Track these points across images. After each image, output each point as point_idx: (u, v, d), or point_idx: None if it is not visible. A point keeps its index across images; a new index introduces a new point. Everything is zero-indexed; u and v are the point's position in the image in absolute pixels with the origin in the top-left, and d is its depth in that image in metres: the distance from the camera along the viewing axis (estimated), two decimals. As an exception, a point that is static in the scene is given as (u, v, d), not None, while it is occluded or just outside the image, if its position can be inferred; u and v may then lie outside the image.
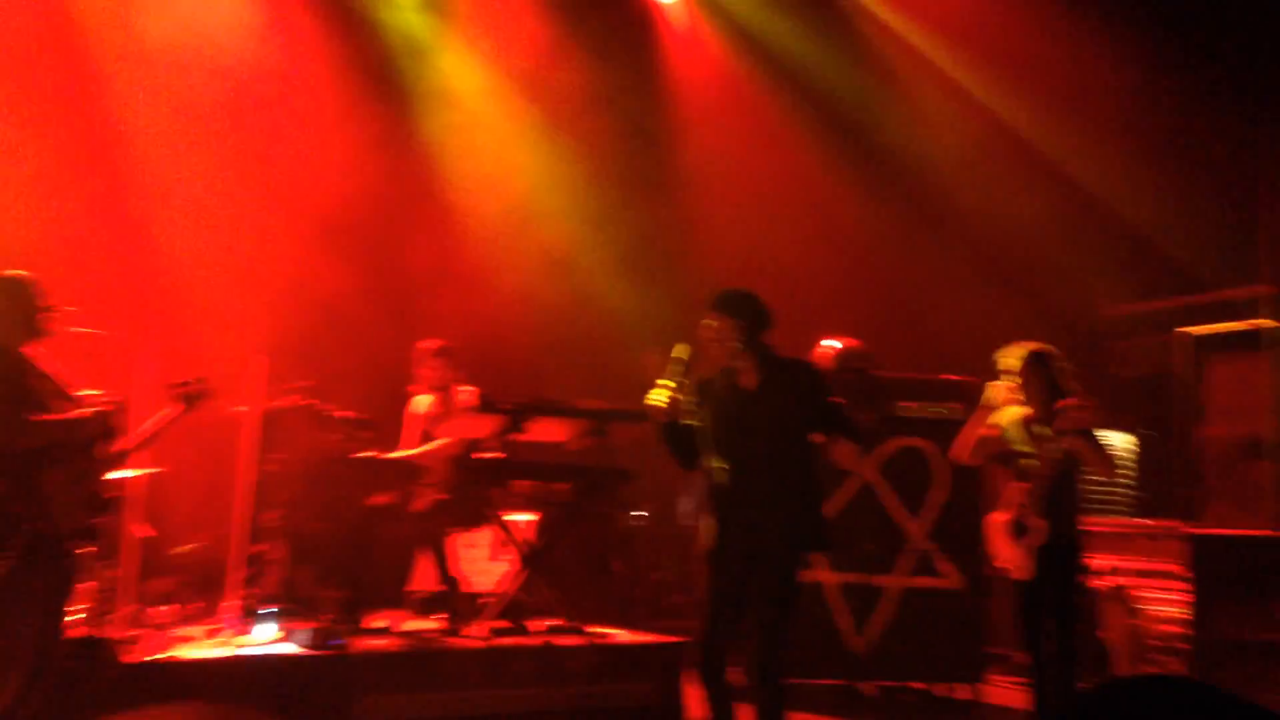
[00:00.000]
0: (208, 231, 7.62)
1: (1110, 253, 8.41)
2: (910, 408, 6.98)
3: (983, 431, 5.48)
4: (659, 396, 4.36)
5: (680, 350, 4.41)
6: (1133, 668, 6.42)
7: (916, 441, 6.89)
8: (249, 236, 7.79)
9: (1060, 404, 5.08)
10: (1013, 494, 5.28)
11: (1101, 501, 7.51)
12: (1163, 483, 7.01)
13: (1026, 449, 5.27)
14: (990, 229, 8.69)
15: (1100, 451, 5.23)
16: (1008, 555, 5.32)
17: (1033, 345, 5.38)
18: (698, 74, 9.80)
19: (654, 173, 9.48)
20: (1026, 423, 5.32)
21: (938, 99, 9.16)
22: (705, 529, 4.46)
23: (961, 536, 6.59)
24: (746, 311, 4.40)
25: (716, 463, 4.40)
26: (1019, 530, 5.23)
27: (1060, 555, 5.19)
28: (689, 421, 4.46)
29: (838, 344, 7.13)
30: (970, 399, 6.84)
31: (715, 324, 4.41)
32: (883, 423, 6.87)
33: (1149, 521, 6.79)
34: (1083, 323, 8.36)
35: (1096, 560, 6.74)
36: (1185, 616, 6.08)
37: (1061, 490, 5.18)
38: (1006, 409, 5.40)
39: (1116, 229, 8.39)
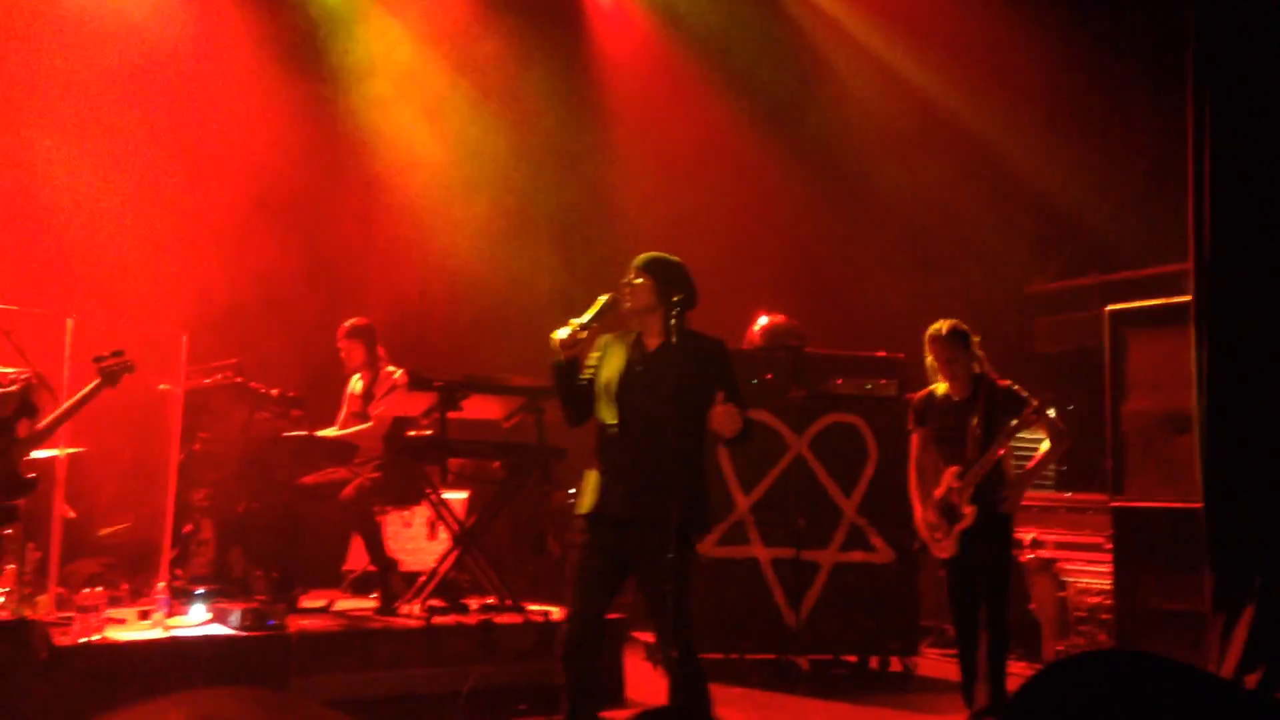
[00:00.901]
0: (127, 207, 7.41)
1: (1037, 231, 8.58)
2: (840, 383, 7.04)
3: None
4: (563, 331, 4.22)
5: (602, 299, 4.30)
6: (1060, 639, 6.60)
7: (847, 417, 6.97)
8: (170, 212, 7.60)
9: (1035, 400, 5.16)
10: (945, 475, 5.32)
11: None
12: (1085, 456, 7.19)
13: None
14: (918, 206, 8.82)
15: (1053, 427, 5.31)
16: (933, 533, 5.37)
17: (953, 323, 5.39)
18: (624, 47, 9.75)
19: (581, 146, 9.43)
20: (953, 402, 5.36)
21: (863, 76, 9.24)
22: (587, 488, 4.25)
23: (893, 511, 6.68)
24: (667, 276, 4.29)
25: (608, 419, 4.26)
26: (948, 512, 5.28)
27: (989, 533, 5.22)
28: (587, 372, 4.34)
29: (768, 320, 7.17)
30: (900, 376, 6.97)
31: (635, 281, 4.31)
32: (813, 398, 6.94)
33: (1073, 495, 6.98)
34: (1009, 299, 8.52)
35: (1023, 533, 6.90)
36: (1109, 588, 6.24)
37: (993, 470, 5.21)
38: (937, 386, 5.47)
39: (1043, 207, 8.56)
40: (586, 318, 4.25)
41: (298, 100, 8.29)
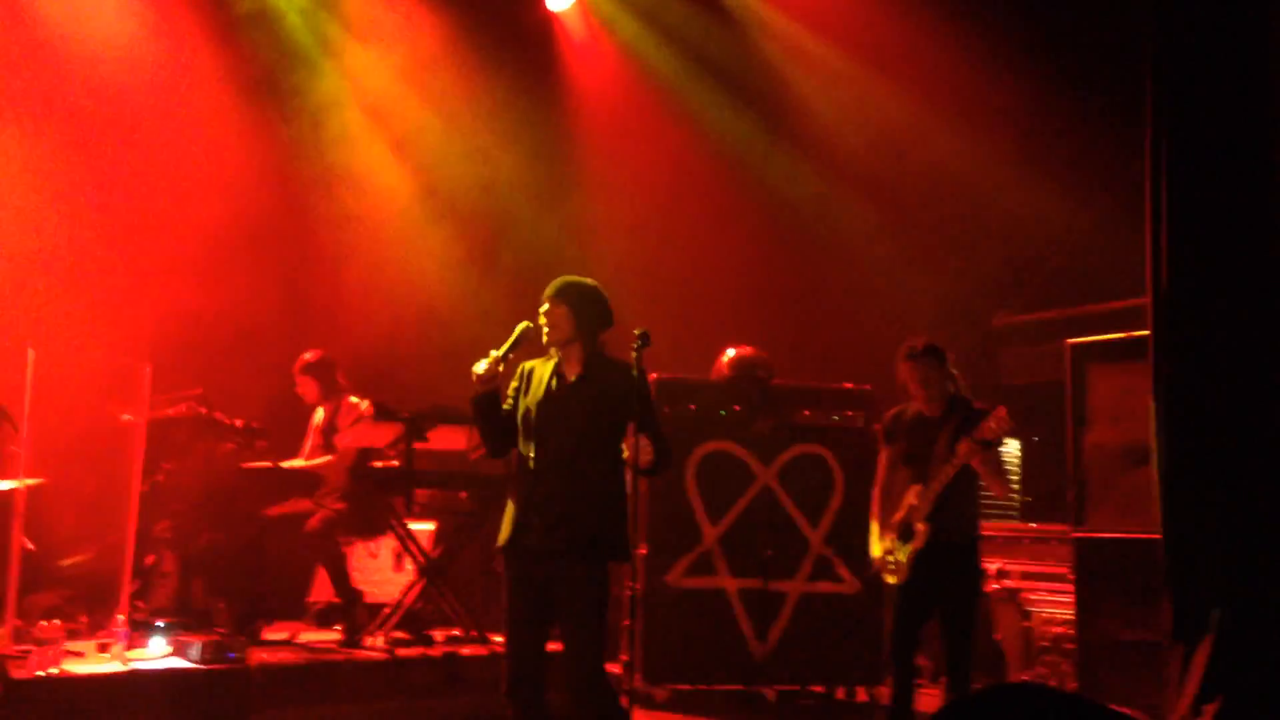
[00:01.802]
0: (91, 235, 7.37)
1: (1002, 264, 8.65)
2: (808, 415, 7.08)
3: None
4: (480, 364, 4.23)
5: (520, 327, 4.32)
6: (1024, 669, 6.62)
7: (815, 448, 7.00)
8: (134, 241, 7.56)
9: (997, 410, 4.96)
10: (908, 495, 5.19)
11: (992, 506, 7.74)
12: (1049, 488, 7.24)
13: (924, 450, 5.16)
14: (886, 238, 8.88)
15: (999, 468, 5.19)
16: (886, 557, 5.21)
17: (927, 340, 5.30)
18: (595, 81, 9.81)
19: (552, 179, 9.46)
20: (924, 419, 5.25)
21: (830, 108, 9.32)
22: (505, 520, 4.25)
23: (860, 542, 6.65)
24: (582, 302, 4.29)
25: (526, 450, 4.25)
26: (905, 533, 5.15)
27: (950, 564, 5.09)
28: (505, 403, 4.35)
29: (736, 352, 7.21)
30: (868, 408, 7.00)
31: (550, 309, 4.30)
32: (781, 430, 6.97)
33: (1037, 525, 7.02)
34: (975, 332, 8.59)
35: (988, 563, 6.94)
36: (1072, 618, 6.27)
37: (956, 494, 5.08)
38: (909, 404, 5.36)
39: (1008, 240, 8.64)
40: (503, 349, 4.26)
41: (267, 131, 8.29)
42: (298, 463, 6.69)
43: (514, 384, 4.40)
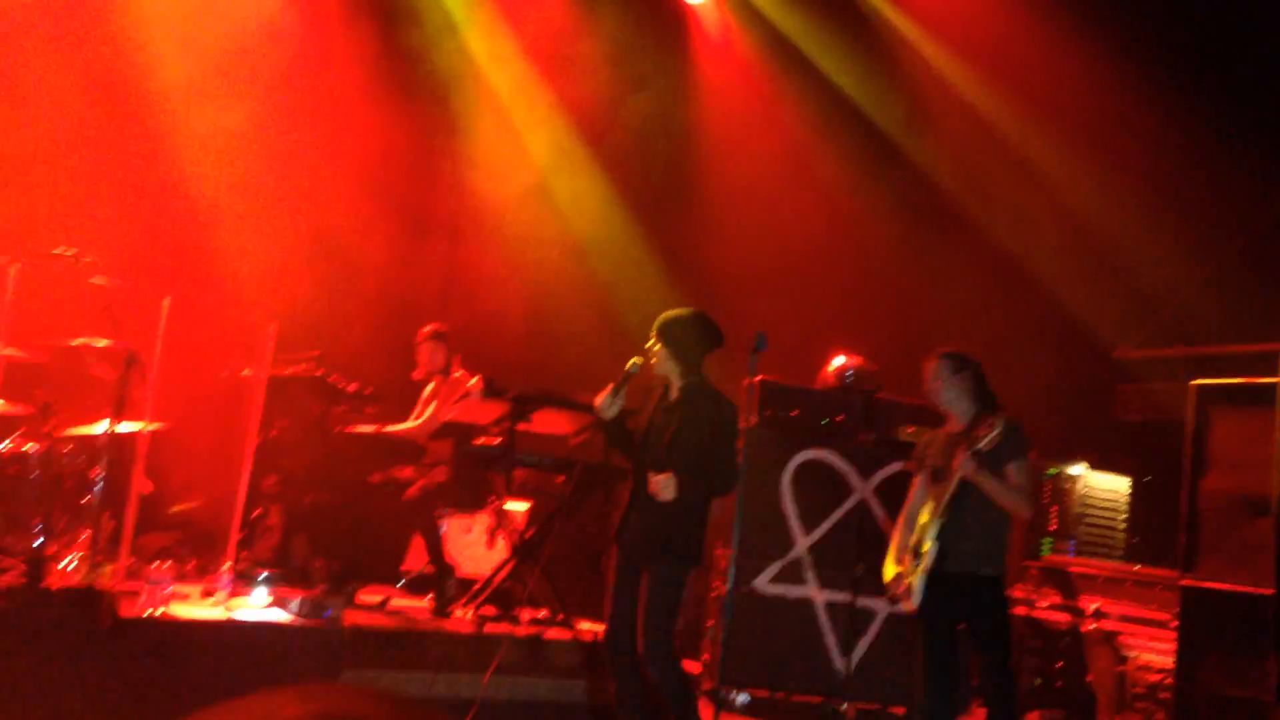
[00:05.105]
0: (229, 197, 7.63)
1: (1126, 297, 8.42)
2: (912, 432, 6.97)
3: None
4: (599, 398, 4.92)
5: (632, 361, 4.91)
6: (1116, 714, 6.43)
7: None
8: (269, 206, 7.80)
9: (989, 420, 4.63)
10: (921, 515, 4.90)
11: (1092, 543, 7.53)
12: (1159, 530, 7.01)
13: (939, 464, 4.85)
14: (1009, 262, 8.70)
15: (1002, 484, 4.69)
16: (900, 582, 4.94)
17: (948, 348, 4.98)
18: (723, 77, 9.79)
19: (676, 169, 9.46)
20: (949, 437, 4.92)
21: (964, 127, 9.16)
22: (619, 515, 5.05)
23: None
24: (676, 338, 4.93)
25: (635, 464, 4.98)
26: (916, 554, 4.84)
27: (967, 594, 4.76)
28: (627, 425, 5.04)
29: (844, 361, 7.14)
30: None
31: (651, 346, 4.95)
32: (883, 444, 6.88)
33: (1141, 568, 6.81)
34: (1094, 363, 8.36)
35: (1086, 602, 6.76)
36: (1171, 666, 6.08)
37: (971, 519, 4.73)
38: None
39: (1134, 274, 8.40)
40: (617, 386, 4.91)
41: (398, 107, 8.47)
42: (393, 427, 6.79)
43: (634, 408, 5.08)
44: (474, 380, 6.52)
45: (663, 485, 4.72)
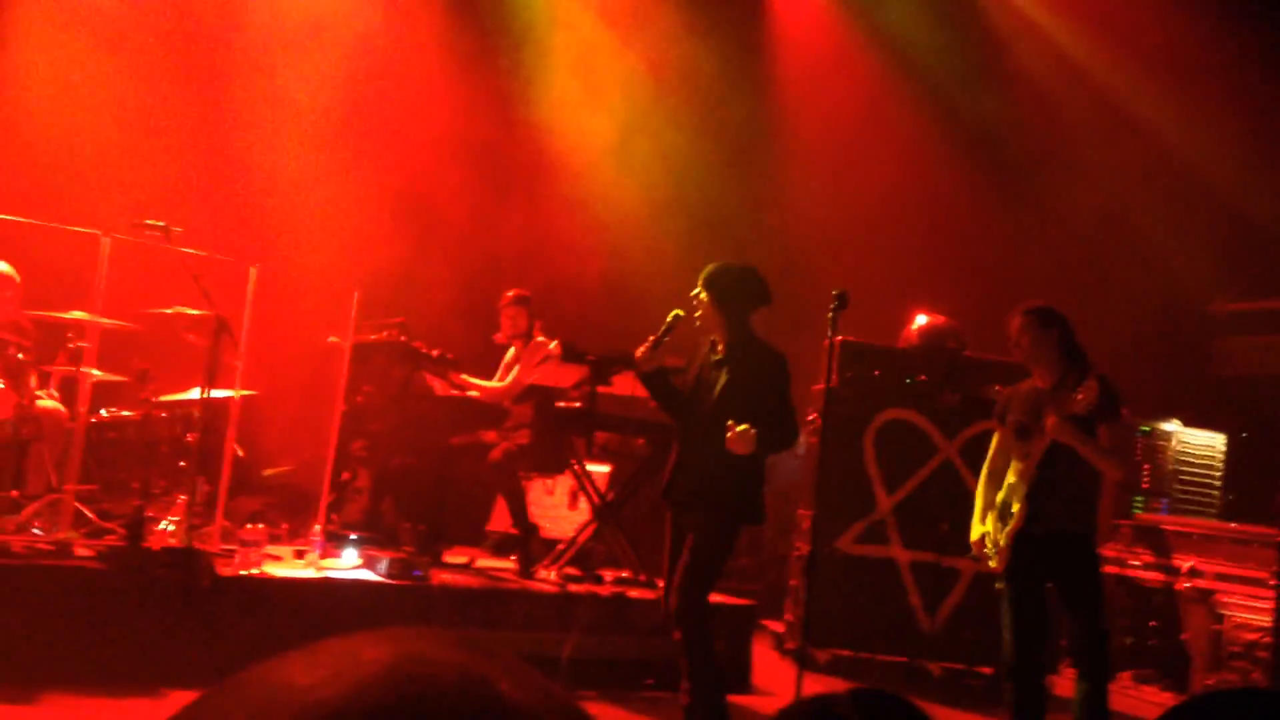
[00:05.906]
0: (314, 168, 7.75)
1: (1223, 246, 8.14)
2: (997, 391, 6.84)
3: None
4: (640, 349, 4.70)
5: (674, 313, 4.71)
6: (1212, 673, 6.30)
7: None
8: (352, 178, 7.91)
9: (1088, 382, 4.38)
10: (1010, 473, 4.75)
11: (1187, 501, 7.36)
12: (1256, 487, 6.82)
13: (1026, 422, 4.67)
14: (1098, 213, 8.48)
15: (1100, 446, 4.54)
16: (985, 541, 4.81)
17: (1035, 303, 4.78)
18: (798, 28, 9.64)
19: (752, 134, 9.37)
20: (1038, 392, 4.75)
21: (1048, 75, 8.92)
22: (666, 474, 4.86)
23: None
24: (724, 289, 4.68)
25: (680, 421, 4.80)
26: (1005, 514, 4.70)
27: (1056, 552, 4.64)
28: (673, 379, 4.85)
29: (927, 320, 7.03)
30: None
31: (698, 297, 4.70)
32: (968, 403, 6.78)
33: (1237, 525, 6.64)
34: (1188, 318, 8.12)
35: (1181, 560, 6.61)
36: (1269, 624, 5.93)
37: (1060, 476, 4.57)
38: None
39: (1231, 221, 8.13)
40: (658, 336, 4.68)
41: (476, 71, 8.51)
42: (473, 382, 6.83)
43: (680, 363, 4.90)
44: (554, 344, 6.56)
45: (740, 437, 4.43)
